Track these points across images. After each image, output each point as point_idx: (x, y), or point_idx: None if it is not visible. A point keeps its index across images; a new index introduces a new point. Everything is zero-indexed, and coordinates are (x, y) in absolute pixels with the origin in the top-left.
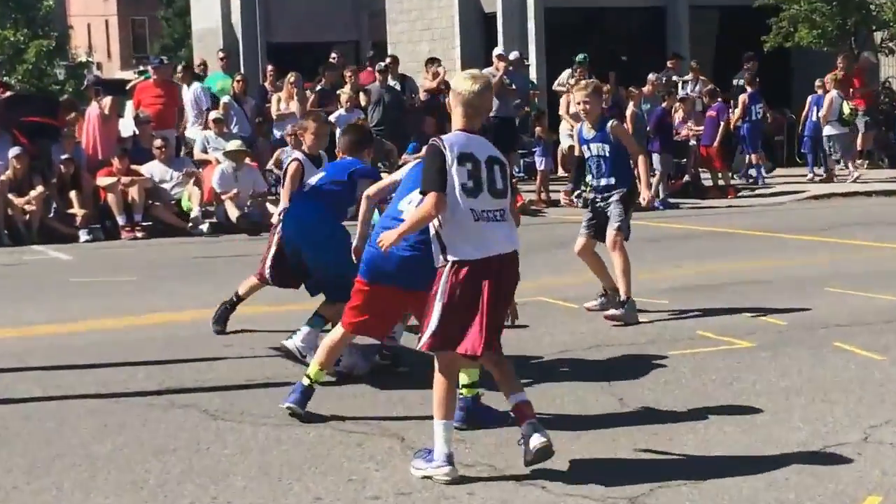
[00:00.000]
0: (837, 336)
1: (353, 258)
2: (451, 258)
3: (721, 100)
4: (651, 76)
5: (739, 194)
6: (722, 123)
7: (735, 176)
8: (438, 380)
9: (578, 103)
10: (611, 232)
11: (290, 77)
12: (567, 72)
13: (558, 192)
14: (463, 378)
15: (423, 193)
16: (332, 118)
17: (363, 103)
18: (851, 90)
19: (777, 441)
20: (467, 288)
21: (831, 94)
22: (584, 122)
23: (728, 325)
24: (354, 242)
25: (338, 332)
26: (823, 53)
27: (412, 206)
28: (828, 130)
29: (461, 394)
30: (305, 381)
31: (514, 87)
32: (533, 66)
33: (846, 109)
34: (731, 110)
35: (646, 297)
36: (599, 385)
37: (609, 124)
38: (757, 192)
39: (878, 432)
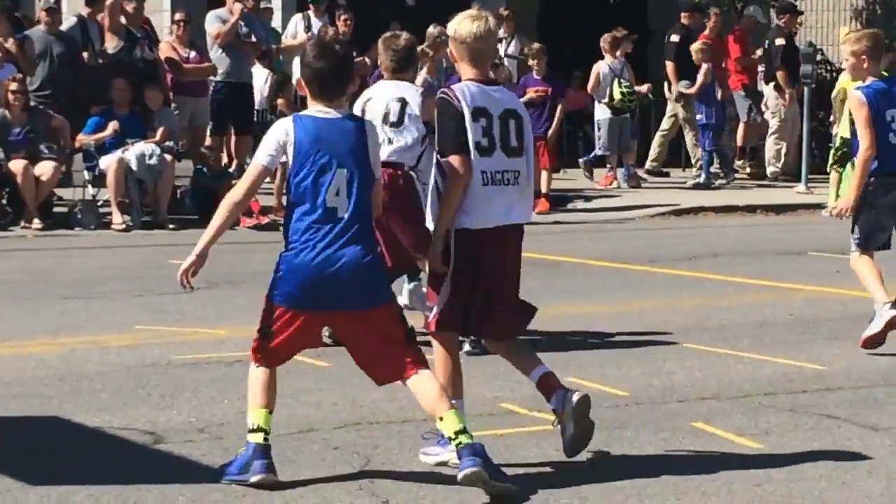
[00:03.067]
0: (698, 414)
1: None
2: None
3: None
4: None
5: (571, 205)
6: (560, 105)
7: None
8: (440, 362)
9: None
10: None
11: None
12: (297, 17)
13: None
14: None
15: (443, 156)
16: None
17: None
18: (723, 65)
19: None
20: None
21: (601, 64)
22: None
23: None
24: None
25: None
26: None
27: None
28: (598, 113)
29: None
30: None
31: (253, 38)
32: (278, 11)
33: (617, 92)
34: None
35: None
36: (357, 483)
37: None
38: (591, 205)
39: None
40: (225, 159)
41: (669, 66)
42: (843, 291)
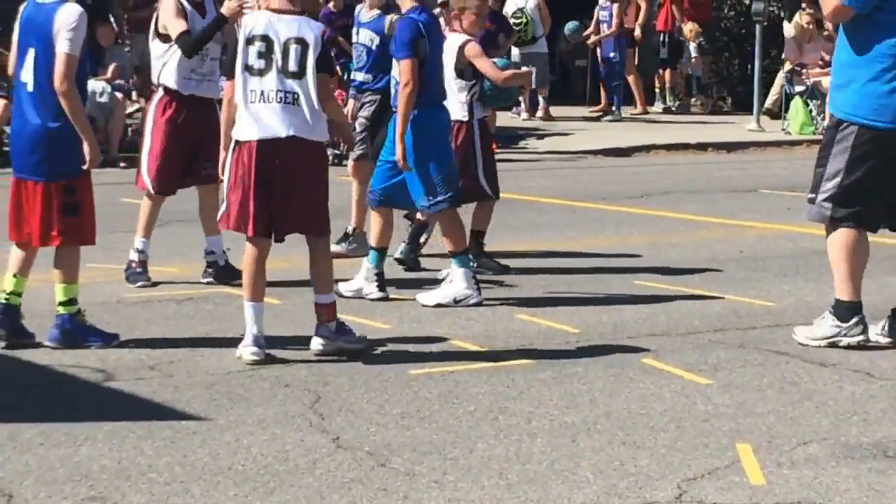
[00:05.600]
0: (648, 350)
1: None
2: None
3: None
4: None
5: (514, 146)
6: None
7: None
8: (244, 262)
9: None
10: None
11: None
12: None
13: None
14: (59, 294)
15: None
16: None
17: None
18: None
19: (556, 500)
20: (240, 169)
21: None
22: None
23: (495, 332)
24: None
25: None
26: None
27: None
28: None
29: (57, 311)
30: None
31: None
32: None
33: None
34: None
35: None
36: (307, 419)
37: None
38: (542, 144)
39: (696, 488)
40: None
41: None
42: (793, 228)
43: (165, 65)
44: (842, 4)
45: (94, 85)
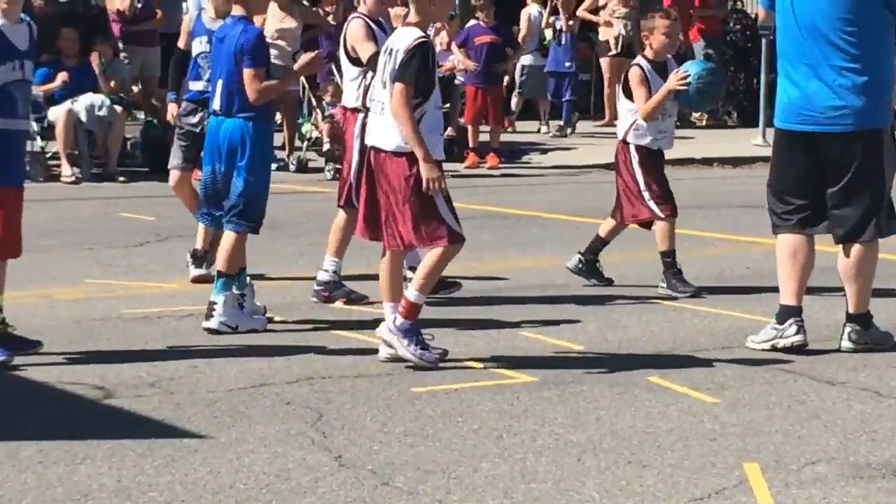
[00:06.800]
0: (654, 368)
1: None
2: None
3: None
4: None
5: (518, 161)
6: (512, 56)
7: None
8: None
9: None
10: None
11: None
12: None
13: None
14: None
15: None
16: None
17: None
18: (691, 11)
19: None
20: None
21: (531, 8)
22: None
23: (499, 349)
24: None
25: None
26: None
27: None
28: (524, 58)
29: None
30: None
31: None
32: None
33: (547, 33)
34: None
35: (374, 305)
36: (309, 437)
37: None
38: (546, 159)
39: None
40: None
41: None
42: None
43: (368, 88)
44: (760, 6)
45: (93, 98)
